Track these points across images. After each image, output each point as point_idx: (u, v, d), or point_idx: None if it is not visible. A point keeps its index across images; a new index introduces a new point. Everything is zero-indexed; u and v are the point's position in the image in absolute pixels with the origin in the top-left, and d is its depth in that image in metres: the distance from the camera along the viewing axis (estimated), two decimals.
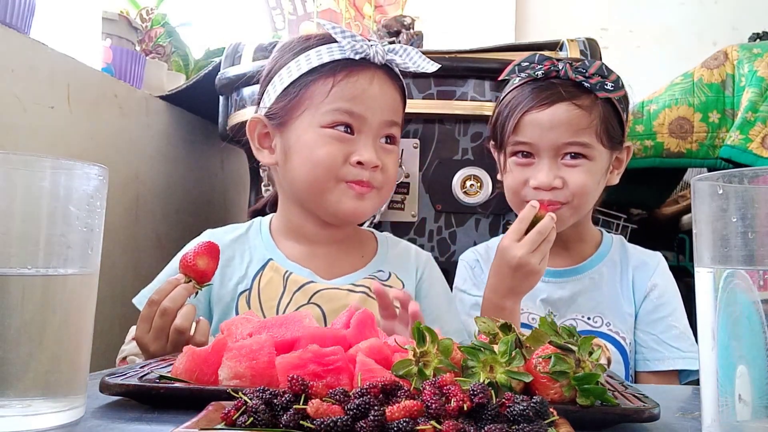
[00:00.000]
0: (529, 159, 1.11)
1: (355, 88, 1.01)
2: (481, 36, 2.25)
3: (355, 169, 1.01)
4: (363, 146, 1.01)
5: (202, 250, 0.85)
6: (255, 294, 1.04)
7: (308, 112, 1.02)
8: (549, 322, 0.58)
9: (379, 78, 1.03)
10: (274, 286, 1.04)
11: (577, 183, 1.08)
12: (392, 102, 1.05)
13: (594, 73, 1.09)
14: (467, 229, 1.39)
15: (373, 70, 1.03)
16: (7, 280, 0.50)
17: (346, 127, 1.01)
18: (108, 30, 1.54)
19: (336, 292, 1.04)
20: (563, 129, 1.07)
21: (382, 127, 1.04)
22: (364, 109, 1.01)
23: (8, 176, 0.51)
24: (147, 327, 0.84)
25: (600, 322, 1.12)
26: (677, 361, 1.09)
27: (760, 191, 0.46)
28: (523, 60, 1.13)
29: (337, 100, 1.00)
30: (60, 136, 1.24)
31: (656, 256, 1.19)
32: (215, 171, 1.94)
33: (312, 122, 1.01)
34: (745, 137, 1.38)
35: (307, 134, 1.02)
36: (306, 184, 1.03)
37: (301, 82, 1.03)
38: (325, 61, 1.02)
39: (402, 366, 0.55)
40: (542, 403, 0.46)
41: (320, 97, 1.01)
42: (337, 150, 1.00)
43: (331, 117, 1.01)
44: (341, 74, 1.01)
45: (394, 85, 1.06)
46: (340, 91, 1.00)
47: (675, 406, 0.65)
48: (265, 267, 1.06)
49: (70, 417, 0.52)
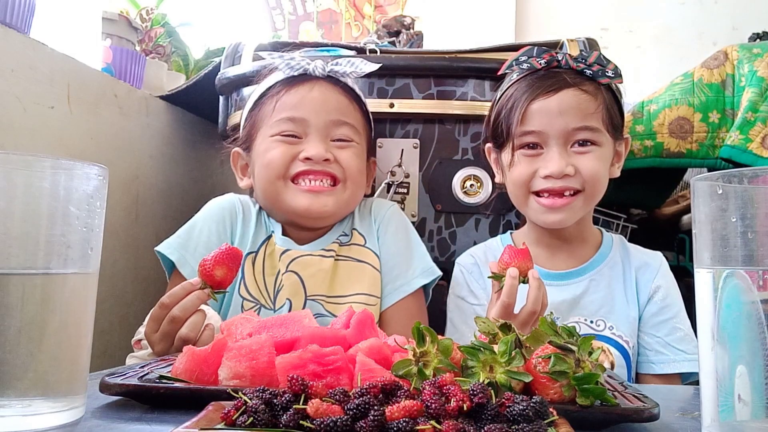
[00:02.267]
0: (537, 150, 1.10)
1: (295, 97, 1.10)
2: (481, 36, 2.26)
3: (304, 164, 1.08)
4: (310, 144, 1.08)
5: (223, 259, 0.84)
6: (260, 258, 1.11)
7: (262, 131, 1.12)
8: (549, 323, 0.58)
9: (321, 86, 1.12)
10: (274, 259, 1.10)
11: (588, 169, 1.07)
12: (336, 104, 1.12)
13: (594, 62, 1.09)
14: (467, 229, 1.38)
15: (314, 81, 1.12)
16: (7, 280, 0.50)
17: (291, 135, 1.09)
18: (108, 30, 1.53)
19: (310, 258, 1.10)
20: (572, 114, 1.07)
21: (330, 127, 1.10)
22: (306, 112, 1.09)
23: (8, 176, 0.51)
24: (155, 327, 0.85)
25: (603, 326, 1.11)
26: (683, 363, 1.08)
27: (759, 191, 0.46)
28: (521, 54, 1.13)
29: (281, 110, 1.10)
30: (60, 136, 1.24)
31: (658, 256, 1.18)
32: (215, 171, 1.93)
33: (265, 136, 1.11)
34: (745, 137, 1.38)
35: (261, 146, 1.11)
36: (263, 190, 1.11)
37: (256, 106, 1.15)
38: (269, 85, 1.13)
39: (402, 366, 0.55)
40: (542, 403, 0.46)
41: (268, 114, 1.11)
42: (286, 150, 1.08)
43: (276, 128, 1.10)
44: (283, 90, 1.11)
45: (338, 90, 1.13)
46: (282, 104, 1.10)
47: (675, 406, 0.65)
48: (270, 239, 1.13)
49: (70, 417, 0.52)
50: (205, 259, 0.85)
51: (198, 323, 0.84)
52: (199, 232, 1.11)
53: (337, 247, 1.13)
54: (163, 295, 0.86)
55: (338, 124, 1.11)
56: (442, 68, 1.36)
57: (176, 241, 1.10)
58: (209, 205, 1.18)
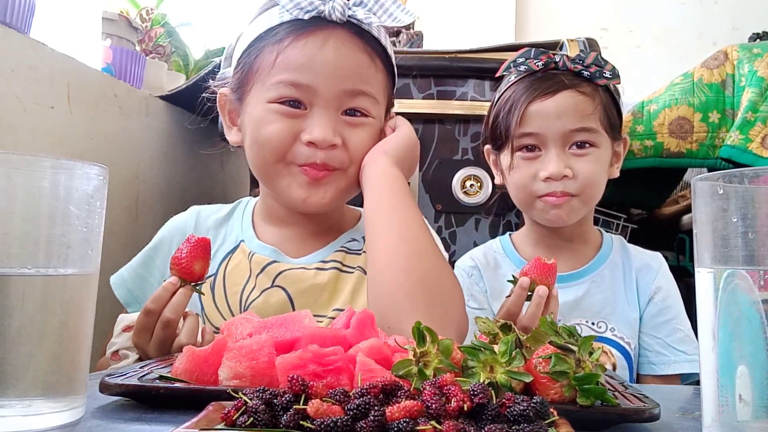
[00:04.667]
0: (536, 152, 1.10)
1: (302, 55, 0.86)
2: (481, 36, 2.26)
3: (306, 149, 0.87)
4: (315, 122, 0.87)
5: (198, 252, 0.80)
6: (220, 279, 0.94)
7: (257, 86, 0.90)
8: (549, 322, 0.58)
9: (337, 39, 0.87)
10: (241, 270, 0.94)
11: (585, 173, 1.08)
12: (355, 67, 0.88)
13: (591, 63, 1.10)
14: (467, 229, 1.39)
15: (328, 31, 0.87)
16: (7, 280, 0.50)
17: (293, 102, 0.87)
18: (108, 30, 1.54)
19: (302, 272, 0.92)
20: (570, 116, 1.07)
21: (342, 98, 0.88)
22: (313, 78, 0.86)
23: (8, 176, 0.51)
24: (147, 336, 0.79)
25: (604, 327, 1.11)
26: (684, 364, 1.09)
27: (760, 191, 0.46)
28: (518, 56, 1.13)
29: (282, 71, 0.86)
30: (60, 136, 1.24)
31: (658, 257, 1.19)
32: (215, 171, 1.93)
33: (260, 97, 0.89)
34: (745, 137, 1.38)
35: (255, 110, 0.89)
36: (256, 168, 0.92)
37: (251, 51, 0.91)
38: (272, 25, 0.88)
39: (402, 366, 0.55)
40: (542, 404, 0.46)
41: (266, 69, 0.88)
42: (285, 128, 0.87)
43: (275, 91, 0.87)
44: (287, 40, 0.87)
45: (358, 44, 0.88)
46: (285, 60, 0.86)
47: (675, 406, 0.65)
48: (236, 250, 0.96)
49: (70, 417, 0.52)
50: (177, 257, 0.79)
51: (194, 328, 0.80)
52: (157, 265, 0.99)
53: (342, 256, 0.96)
54: (145, 303, 0.79)
55: (353, 95, 0.89)
56: (442, 68, 1.37)
57: (130, 273, 0.99)
58: (165, 227, 1.04)
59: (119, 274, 1.00)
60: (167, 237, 1.02)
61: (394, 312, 0.79)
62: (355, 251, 0.96)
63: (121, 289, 0.99)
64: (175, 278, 0.80)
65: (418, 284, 0.80)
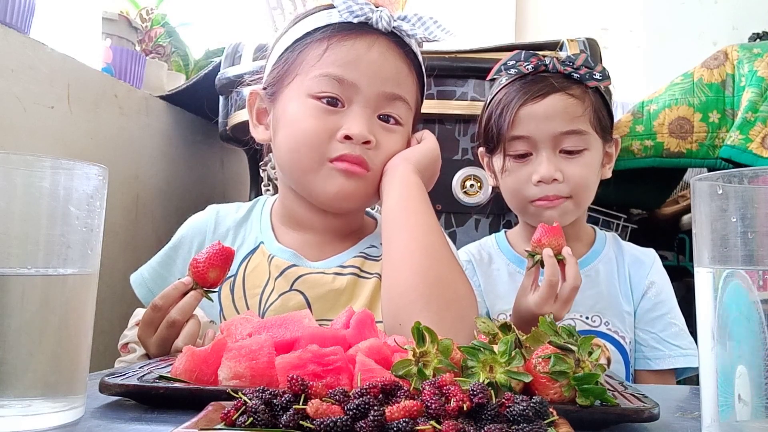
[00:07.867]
0: (528, 157, 1.11)
1: (350, 53, 0.90)
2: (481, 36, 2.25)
3: (342, 144, 0.89)
4: (353, 119, 0.89)
5: (216, 261, 0.80)
6: (240, 281, 0.95)
7: (298, 79, 0.92)
8: (548, 322, 0.58)
9: (381, 45, 0.91)
10: (261, 273, 0.95)
11: (576, 176, 1.08)
12: (395, 72, 0.92)
13: (581, 65, 1.10)
14: (467, 229, 1.39)
15: (374, 37, 0.91)
16: (7, 280, 0.50)
17: (333, 100, 0.90)
18: (108, 30, 1.54)
19: (321, 277, 0.94)
20: (560, 118, 1.08)
21: (380, 100, 0.91)
22: (358, 76, 0.89)
23: (8, 176, 0.51)
24: (150, 331, 0.80)
25: (599, 322, 1.12)
26: (678, 359, 1.10)
27: (760, 191, 0.46)
28: (508, 59, 1.14)
29: (329, 65, 0.90)
30: (60, 136, 1.24)
31: (651, 253, 1.20)
32: (215, 171, 1.94)
33: (300, 90, 0.91)
34: (745, 137, 1.38)
35: (293, 104, 0.91)
36: (289, 164, 0.93)
37: (296, 47, 0.93)
38: (320, 25, 0.92)
39: (402, 366, 0.55)
40: (542, 403, 0.46)
41: (312, 62, 0.91)
42: (322, 125, 0.89)
43: (319, 84, 0.90)
44: (336, 37, 0.90)
45: (399, 53, 0.93)
46: (332, 55, 0.90)
47: (675, 406, 0.65)
48: (255, 251, 0.98)
49: (70, 417, 0.52)
50: (197, 260, 0.80)
51: (194, 334, 0.80)
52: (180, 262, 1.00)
53: (361, 262, 0.96)
54: (155, 297, 0.80)
55: (391, 99, 0.92)
56: (442, 68, 1.36)
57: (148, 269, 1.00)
58: (184, 227, 1.05)
59: (139, 273, 1.01)
60: (187, 237, 1.02)
61: (407, 311, 0.80)
62: (373, 257, 0.97)
63: (141, 288, 1.00)
64: (189, 279, 0.80)
65: (433, 286, 0.82)
